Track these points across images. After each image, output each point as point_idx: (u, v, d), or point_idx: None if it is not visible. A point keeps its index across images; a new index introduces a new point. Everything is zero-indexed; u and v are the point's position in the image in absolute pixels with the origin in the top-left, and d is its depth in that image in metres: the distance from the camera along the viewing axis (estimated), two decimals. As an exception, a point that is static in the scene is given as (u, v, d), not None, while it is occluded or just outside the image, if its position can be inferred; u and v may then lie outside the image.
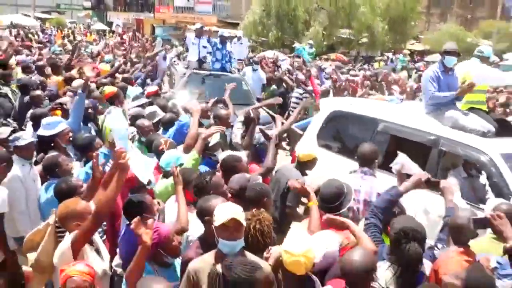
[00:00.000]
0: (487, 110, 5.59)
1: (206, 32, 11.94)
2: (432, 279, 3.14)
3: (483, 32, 41.02)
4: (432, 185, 3.92)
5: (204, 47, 10.08)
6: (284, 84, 11.91)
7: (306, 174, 4.76)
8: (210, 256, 3.03)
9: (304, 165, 4.79)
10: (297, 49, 21.41)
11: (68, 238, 3.15)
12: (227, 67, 10.08)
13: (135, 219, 3.02)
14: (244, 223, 2.97)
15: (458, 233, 3.35)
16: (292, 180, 4.06)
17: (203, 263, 2.97)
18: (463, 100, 5.43)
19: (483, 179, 4.71)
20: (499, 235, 2.98)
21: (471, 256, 3.19)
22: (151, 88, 8.08)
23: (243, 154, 4.67)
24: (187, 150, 4.67)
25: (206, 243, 3.21)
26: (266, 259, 3.07)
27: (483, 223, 3.11)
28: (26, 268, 3.91)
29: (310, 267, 2.93)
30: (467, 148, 4.74)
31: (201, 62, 9.93)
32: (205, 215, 3.26)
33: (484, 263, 2.86)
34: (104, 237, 4.12)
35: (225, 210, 2.96)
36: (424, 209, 4.53)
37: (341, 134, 5.62)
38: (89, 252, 3.19)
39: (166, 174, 4.26)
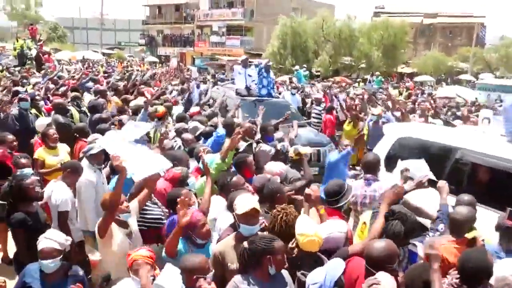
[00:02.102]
0: None
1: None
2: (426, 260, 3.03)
3: (461, 56, 40.15)
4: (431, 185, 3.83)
5: (250, 75, 9.42)
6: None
7: (301, 170, 4.70)
8: (231, 238, 3.02)
9: (296, 162, 4.87)
10: (295, 72, 21.63)
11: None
12: (272, 92, 9.50)
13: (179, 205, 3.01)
14: (260, 210, 3.01)
15: (456, 226, 3.24)
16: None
17: (225, 246, 2.99)
18: None
19: None
20: None
21: (461, 245, 3.09)
22: (194, 109, 8.06)
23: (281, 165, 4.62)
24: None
25: (236, 227, 3.21)
26: (291, 249, 2.96)
27: None
28: (92, 258, 3.81)
29: (321, 244, 2.91)
30: None
31: (248, 89, 9.25)
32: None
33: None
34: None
35: (246, 201, 2.97)
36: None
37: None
38: (116, 233, 3.29)
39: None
